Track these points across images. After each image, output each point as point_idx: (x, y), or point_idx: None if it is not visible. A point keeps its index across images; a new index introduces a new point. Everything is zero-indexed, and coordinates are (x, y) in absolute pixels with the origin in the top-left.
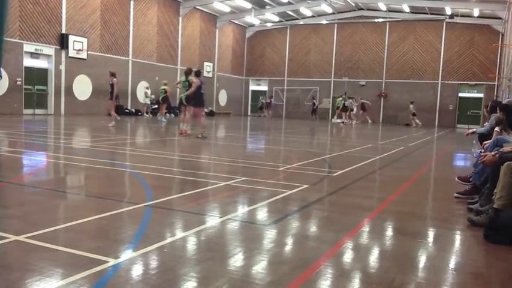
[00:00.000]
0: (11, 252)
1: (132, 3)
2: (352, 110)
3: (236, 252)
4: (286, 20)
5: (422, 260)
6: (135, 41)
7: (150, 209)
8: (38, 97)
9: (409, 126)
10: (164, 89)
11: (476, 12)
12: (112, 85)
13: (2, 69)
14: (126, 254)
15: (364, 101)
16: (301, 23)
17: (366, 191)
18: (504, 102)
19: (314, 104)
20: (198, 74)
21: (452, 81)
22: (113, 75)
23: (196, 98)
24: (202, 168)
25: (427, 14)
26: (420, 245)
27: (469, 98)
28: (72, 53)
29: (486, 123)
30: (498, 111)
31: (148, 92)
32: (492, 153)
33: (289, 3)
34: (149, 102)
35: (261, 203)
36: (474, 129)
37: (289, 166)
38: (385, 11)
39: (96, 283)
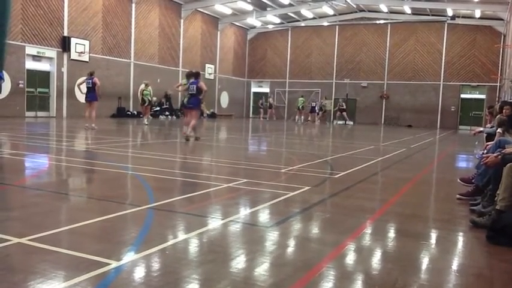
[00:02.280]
0: (13, 255)
1: (133, 5)
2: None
3: (238, 254)
4: (288, 22)
5: (424, 261)
6: (137, 44)
7: (152, 211)
8: (40, 99)
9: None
10: (143, 90)
11: (477, 13)
12: (95, 84)
13: (4, 72)
14: (128, 256)
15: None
16: (303, 24)
17: (368, 192)
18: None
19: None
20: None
21: (454, 82)
22: (92, 74)
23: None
24: (203, 170)
25: (428, 15)
26: (422, 246)
27: (471, 99)
28: (74, 55)
29: (488, 124)
30: (504, 110)
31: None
32: (494, 154)
33: (290, 5)
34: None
35: (262, 204)
36: (481, 129)
37: (291, 168)
38: (387, 12)
39: (98, 285)
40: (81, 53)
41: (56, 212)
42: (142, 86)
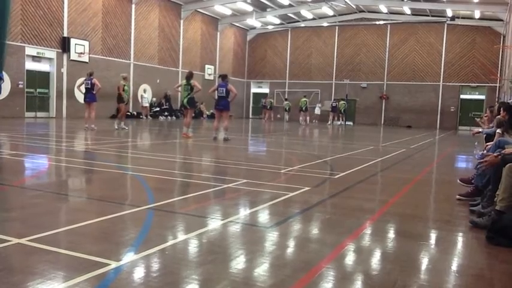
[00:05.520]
0: (12, 255)
1: (133, 6)
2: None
3: (238, 254)
4: (288, 23)
5: (424, 262)
6: (137, 44)
7: (151, 212)
8: (40, 100)
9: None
10: (124, 85)
11: (477, 14)
12: (94, 85)
13: (4, 73)
14: (128, 257)
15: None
16: (302, 25)
17: (368, 193)
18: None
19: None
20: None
21: (453, 83)
22: (91, 74)
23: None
24: (203, 171)
25: (428, 16)
26: (422, 247)
27: (470, 100)
28: (73, 56)
29: (485, 126)
30: (502, 111)
31: (145, 95)
32: (494, 154)
33: (290, 5)
34: (147, 105)
35: (262, 205)
36: (480, 130)
37: (290, 168)
38: (386, 13)
39: (97, 286)
40: (81, 53)
41: (56, 212)
42: (122, 81)
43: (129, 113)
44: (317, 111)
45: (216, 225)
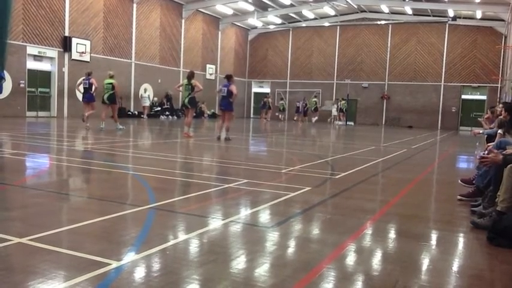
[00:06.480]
0: (13, 255)
1: (135, 6)
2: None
3: (239, 254)
4: (289, 23)
5: (425, 262)
6: (138, 44)
7: (152, 211)
8: (41, 99)
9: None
10: (111, 83)
11: (479, 14)
12: (92, 84)
13: (5, 72)
14: (129, 257)
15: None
16: (304, 25)
17: (369, 193)
18: None
19: (306, 105)
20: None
21: (455, 83)
22: (89, 74)
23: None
24: (204, 171)
25: (429, 16)
26: (423, 247)
27: (472, 100)
28: (75, 55)
29: (486, 126)
30: (503, 112)
31: (145, 94)
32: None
33: (291, 5)
34: (147, 104)
35: (263, 205)
36: (481, 131)
37: (291, 168)
38: (388, 13)
39: (98, 285)
40: (82, 53)
41: (57, 212)
42: (112, 80)
43: (130, 113)
44: (334, 112)
45: (217, 225)
